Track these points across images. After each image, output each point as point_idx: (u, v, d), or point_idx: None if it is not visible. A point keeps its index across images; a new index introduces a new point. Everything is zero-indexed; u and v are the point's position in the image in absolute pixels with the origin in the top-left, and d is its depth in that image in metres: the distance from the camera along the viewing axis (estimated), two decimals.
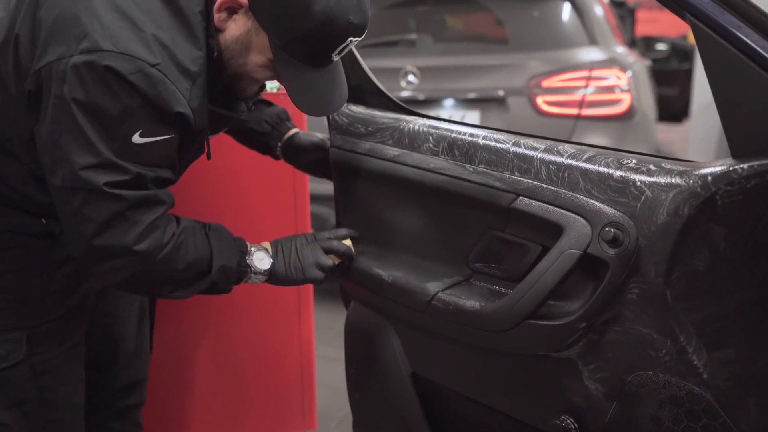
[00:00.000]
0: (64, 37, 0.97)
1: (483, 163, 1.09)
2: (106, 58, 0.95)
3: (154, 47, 0.98)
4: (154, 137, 1.00)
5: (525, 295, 1.00)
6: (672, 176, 0.89)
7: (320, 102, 1.10)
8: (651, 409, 0.93)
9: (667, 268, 0.89)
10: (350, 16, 1.00)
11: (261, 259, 1.18)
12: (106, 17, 0.97)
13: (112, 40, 0.96)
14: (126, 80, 0.96)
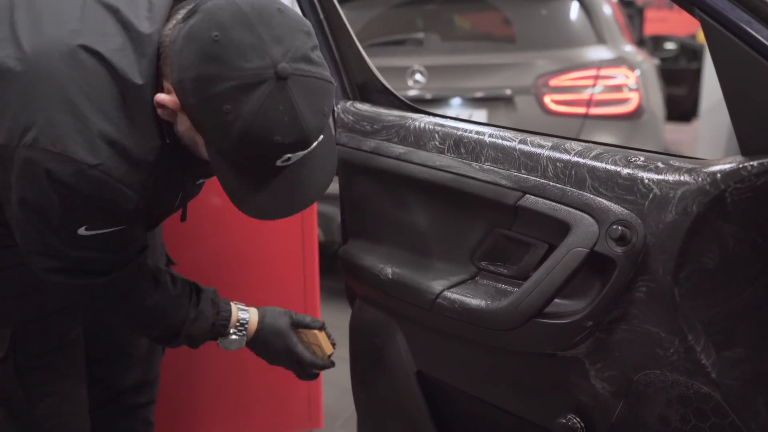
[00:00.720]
0: (10, 120, 0.94)
1: (489, 160, 1.09)
2: (44, 159, 0.92)
3: (98, 145, 0.93)
4: (101, 230, 1.00)
5: (531, 293, 0.99)
6: (680, 174, 0.88)
7: (268, 205, 0.99)
8: (659, 409, 0.92)
9: (676, 266, 0.88)
10: (277, 136, 0.89)
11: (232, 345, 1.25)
12: (52, 110, 0.92)
13: (52, 139, 0.92)
14: (63, 183, 0.94)
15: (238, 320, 1.24)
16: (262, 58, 0.87)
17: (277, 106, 0.88)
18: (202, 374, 1.84)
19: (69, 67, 0.93)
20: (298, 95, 0.89)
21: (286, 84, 0.88)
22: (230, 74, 0.87)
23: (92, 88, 0.93)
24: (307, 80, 0.90)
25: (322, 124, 0.94)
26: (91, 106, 0.93)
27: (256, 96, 0.87)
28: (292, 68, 0.88)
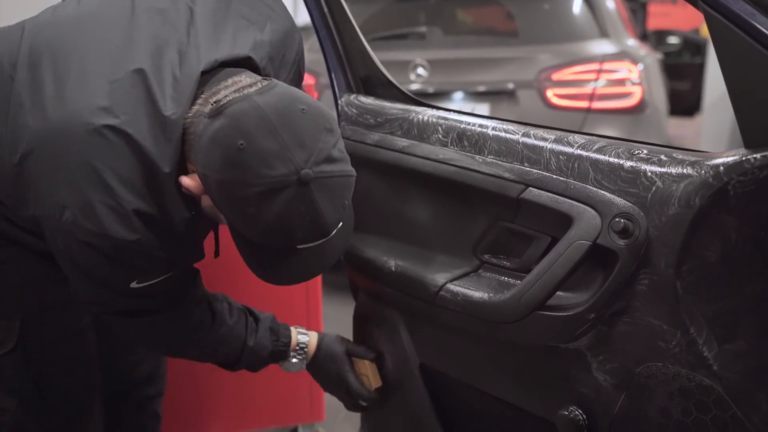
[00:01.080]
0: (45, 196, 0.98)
1: (492, 153, 1.09)
2: (85, 235, 0.97)
3: (133, 222, 0.97)
4: (151, 281, 1.05)
5: (533, 286, 0.99)
6: (683, 167, 0.88)
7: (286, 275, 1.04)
8: (660, 401, 0.92)
9: (678, 259, 0.88)
10: (298, 233, 0.93)
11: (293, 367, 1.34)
12: (87, 190, 0.96)
13: (89, 219, 0.96)
14: (106, 255, 0.98)
15: (297, 344, 1.31)
16: (285, 165, 0.89)
17: (299, 208, 0.91)
18: (205, 368, 1.84)
19: (98, 146, 0.95)
20: (319, 196, 0.91)
21: (309, 188, 0.90)
22: (254, 181, 0.89)
23: (122, 168, 0.96)
24: (329, 180, 0.92)
25: (341, 216, 0.98)
26: (123, 186, 0.96)
27: (279, 200, 0.90)
28: (315, 172, 0.90)
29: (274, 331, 1.29)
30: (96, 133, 0.95)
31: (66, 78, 0.98)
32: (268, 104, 0.91)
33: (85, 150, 0.95)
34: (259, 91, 0.93)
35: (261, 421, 2.00)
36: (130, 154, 0.96)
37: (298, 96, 0.94)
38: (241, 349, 1.25)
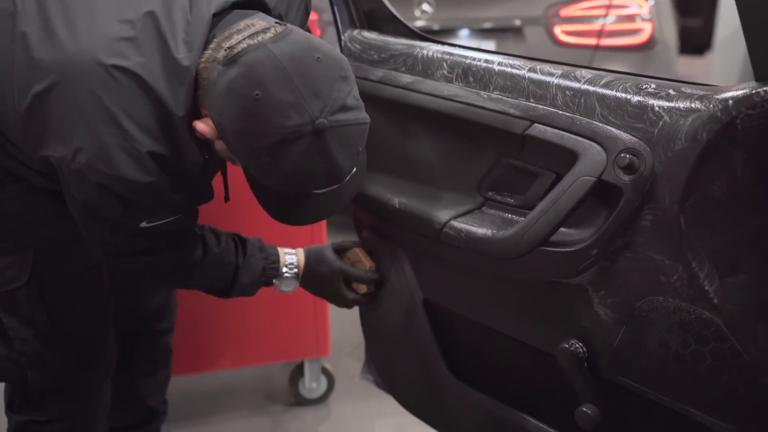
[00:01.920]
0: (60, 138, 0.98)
1: (498, 89, 1.07)
2: (99, 177, 0.98)
3: (148, 164, 0.98)
4: (160, 221, 1.06)
5: (537, 222, 1.00)
6: (692, 101, 0.87)
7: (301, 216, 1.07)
8: (660, 334, 0.94)
9: (683, 194, 0.88)
10: (315, 180, 0.96)
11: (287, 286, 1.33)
12: (101, 133, 0.96)
13: (104, 161, 0.97)
14: (119, 196, 1.00)
15: (286, 263, 1.31)
16: (301, 115, 0.90)
17: (314, 157, 0.92)
18: (213, 305, 1.87)
19: (111, 88, 0.96)
20: (334, 145, 0.92)
21: (324, 137, 0.91)
22: (270, 131, 0.90)
23: (136, 111, 0.97)
24: (344, 129, 0.93)
25: (356, 163, 1.00)
26: (138, 128, 0.97)
27: (294, 150, 0.91)
28: (330, 121, 0.91)
29: (262, 250, 1.30)
30: (107, 73, 0.95)
31: (75, 16, 0.98)
32: (284, 53, 0.90)
33: (99, 92, 0.95)
34: (273, 39, 0.92)
35: (267, 355, 2.05)
36: (144, 97, 0.96)
37: (313, 44, 0.94)
38: (233, 272, 1.26)
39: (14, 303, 1.20)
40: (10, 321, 1.22)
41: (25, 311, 1.21)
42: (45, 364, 1.26)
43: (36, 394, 1.29)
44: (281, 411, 2.13)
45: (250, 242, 1.29)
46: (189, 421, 2.05)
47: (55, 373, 1.28)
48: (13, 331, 1.22)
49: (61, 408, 1.32)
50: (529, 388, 1.20)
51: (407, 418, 1.47)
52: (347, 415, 2.12)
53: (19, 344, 1.23)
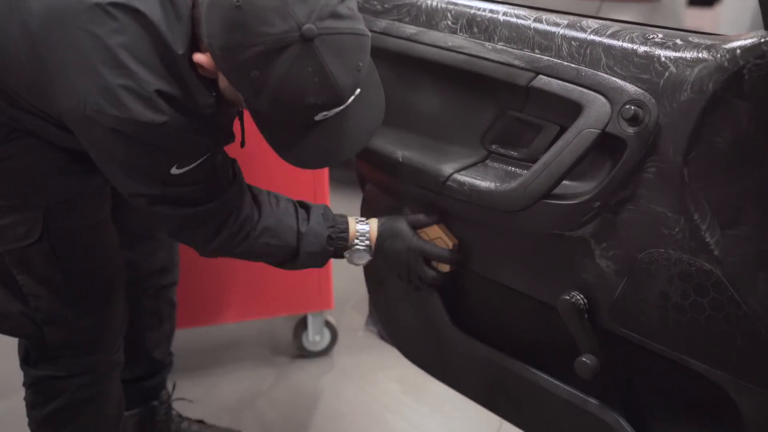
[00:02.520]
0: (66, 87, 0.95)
1: (503, 40, 1.06)
2: (113, 122, 0.94)
3: (159, 104, 0.95)
4: (189, 165, 1.03)
5: (540, 174, 1.00)
6: (699, 51, 0.86)
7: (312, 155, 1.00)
8: (660, 285, 0.95)
9: (687, 146, 0.88)
10: (308, 98, 0.89)
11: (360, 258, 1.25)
12: (106, 75, 0.92)
13: (114, 105, 0.93)
14: (138, 140, 0.97)
15: (357, 231, 1.22)
16: (285, 21, 0.84)
17: (305, 69, 0.86)
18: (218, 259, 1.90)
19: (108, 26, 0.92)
20: (327, 55, 0.86)
21: (313, 45, 0.85)
22: (254, 41, 0.85)
23: (138, 49, 0.93)
24: (337, 38, 0.87)
25: (357, 80, 0.93)
26: (142, 66, 0.93)
27: (282, 61, 0.86)
28: (319, 28, 0.85)
29: (326, 217, 1.21)
30: (104, 12, 0.92)
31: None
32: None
33: (98, 31, 0.92)
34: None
35: (271, 309, 2.08)
36: (144, 33, 0.93)
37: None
38: (295, 239, 1.18)
39: (27, 260, 1.20)
40: (24, 278, 1.21)
41: (38, 268, 1.21)
42: (61, 320, 1.26)
43: (53, 349, 1.30)
44: (285, 363, 2.17)
45: (313, 208, 1.22)
46: (195, 373, 2.09)
47: (72, 329, 1.28)
48: (27, 288, 1.22)
49: (78, 363, 1.33)
50: (531, 339, 1.22)
51: (410, 369, 1.49)
52: (350, 367, 2.16)
53: (33, 300, 1.23)
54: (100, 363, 1.36)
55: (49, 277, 1.22)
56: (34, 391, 1.36)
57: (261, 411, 1.99)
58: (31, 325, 1.26)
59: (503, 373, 1.24)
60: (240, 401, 2.02)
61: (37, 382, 1.35)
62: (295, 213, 1.20)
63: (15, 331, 1.29)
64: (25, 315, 1.25)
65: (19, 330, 1.28)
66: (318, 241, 1.19)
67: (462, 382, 1.36)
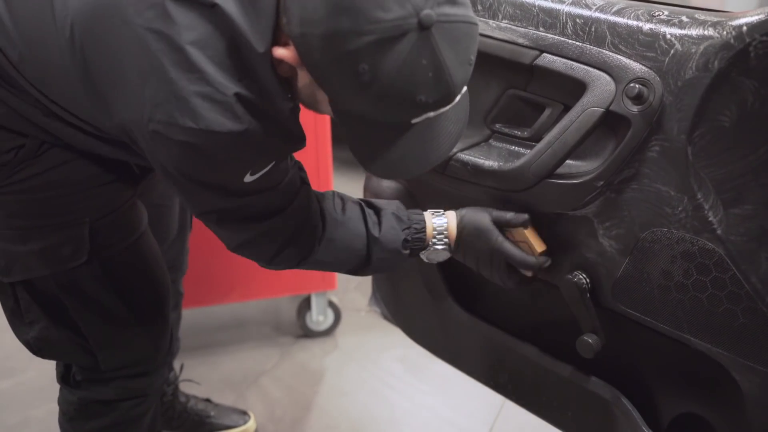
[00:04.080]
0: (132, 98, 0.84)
1: (507, 18, 1.05)
2: (187, 135, 0.83)
3: (238, 110, 0.83)
4: (261, 171, 0.93)
5: (544, 154, 1.00)
6: (705, 28, 0.85)
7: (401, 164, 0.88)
8: (662, 264, 0.95)
9: (691, 125, 0.87)
10: (420, 95, 0.77)
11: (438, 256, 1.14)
12: (179, 80, 0.81)
13: (190, 115, 0.82)
14: (213, 153, 0.86)
15: (434, 229, 1.12)
16: (402, 6, 0.73)
17: (420, 61, 0.75)
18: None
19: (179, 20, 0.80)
20: (443, 46, 0.76)
21: (431, 34, 0.74)
22: (367, 28, 0.73)
23: (213, 49, 0.82)
24: (453, 26, 0.76)
25: (468, 76, 0.82)
26: (219, 69, 0.82)
27: (397, 51, 0.74)
28: (437, 14, 0.74)
29: (400, 218, 1.10)
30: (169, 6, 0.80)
31: None
32: None
33: (165, 29, 0.80)
34: None
35: (275, 289, 2.09)
36: (218, 31, 0.82)
37: None
38: (365, 246, 1.08)
39: (75, 283, 1.11)
40: (72, 302, 1.13)
41: (87, 291, 1.12)
42: (115, 344, 1.20)
43: (106, 372, 1.23)
44: (289, 343, 2.19)
45: (384, 209, 1.10)
46: (200, 352, 2.11)
47: (127, 352, 1.22)
48: (76, 313, 1.14)
49: (131, 387, 1.27)
50: (533, 318, 1.23)
51: (413, 349, 1.50)
52: (354, 346, 2.18)
53: (84, 325, 1.15)
54: (152, 385, 1.30)
55: (101, 299, 1.14)
56: (76, 408, 1.28)
57: (265, 389, 2.01)
58: (80, 351, 1.18)
59: (505, 352, 1.25)
60: (244, 380, 2.04)
61: (84, 405, 1.27)
62: (362, 217, 1.09)
63: (63, 357, 1.22)
64: (72, 341, 1.17)
65: (66, 356, 1.21)
66: (393, 246, 1.09)
67: (464, 361, 1.36)
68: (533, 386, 1.23)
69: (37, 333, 1.16)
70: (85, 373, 1.25)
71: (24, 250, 1.08)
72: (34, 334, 1.16)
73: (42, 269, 1.09)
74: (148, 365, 1.27)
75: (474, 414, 1.90)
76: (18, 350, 1.27)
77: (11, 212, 1.06)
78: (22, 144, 1.01)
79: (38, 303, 1.13)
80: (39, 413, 1.85)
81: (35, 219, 1.07)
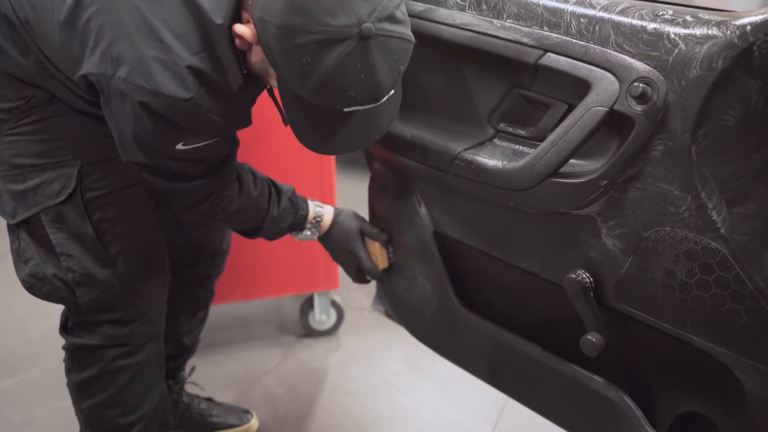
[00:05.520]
0: (98, 52, 0.98)
1: (511, 17, 1.05)
2: (138, 93, 0.97)
3: (187, 79, 0.97)
4: (196, 144, 1.07)
5: (547, 153, 1.00)
6: (709, 27, 0.85)
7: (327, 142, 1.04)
8: (666, 263, 0.95)
9: (695, 124, 0.88)
10: (350, 91, 0.92)
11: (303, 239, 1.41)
12: (141, 46, 0.96)
13: (144, 76, 0.96)
14: (159, 114, 0.99)
15: (314, 216, 1.37)
16: (348, 16, 0.87)
17: (355, 64, 0.89)
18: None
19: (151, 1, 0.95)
20: (377, 55, 0.90)
21: (368, 43, 0.89)
22: (315, 28, 0.87)
23: (175, 22, 0.96)
24: (389, 40, 0.91)
25: (395, 82, 0.96)
26: (178, 41, 0.96)
27: (336, 52, 0.88)
28: (377, 28, 0.88)
29: (294, 203, 1.35)
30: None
31: None
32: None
33: (137, 2, 0.95)
34: None
35: (278, 288, 2.10)
36: (183, 7, 0.95)
37: None
38: (263, 219, 1.32)
39: (61, 217, 1.21)
40: (57, 237, 1.23)
41: (70, 225, 1.22)
42: (92, 281, 1.26)
43: (87, 314, 1.30)
44: (292, 342, 2.19)
45: (284, 193, 1.33)
46: (203, 351, 2.12)
47: (104, 292, 1.28)
48: (60, 248, 1.23)
49: (113, 334, 1.33)
50: (537, 317, 1.23)
51: (416, 348, 1.51)
52: (357, 346, 2.18)
53: (66, 260, 1.24)
54: (135, 335, 1.35)
55: (81, 234, 1.23)
56: (70, 357, 1.38)
57: (268, 388, 2.01)
58: (63, 287, 1.26)
59: (509, 350, 1.25)
60: (247, 379, 2.04)
61: (74, 349, 1.36)
62: (268, 196, 1.31)
63: (50, 295, 1.29)
64: (58, 278, 1.26)
65: (53, 294, 1.28)
66: (280, 225, 1.34)
67: (468, 359, 1.37)
68: (536, 385, 1.23)
69: (30, 269, 1.26)
70: (73, 318, 1.34)
71: (23, 189, 1.21)
72: (27, 271, 1.27)
73: (35, 206, 1.21)
74: (127, 313, 1.32)
75: (477, 413, 1.90)
76: (20, 349, 1.28)
77: (18, 152, 1.19)
78: (34, 94, 1.16)
79: (33, 241, 1.25)
80: (42, 412, 1.86)
81: (36, 158, 1.19)
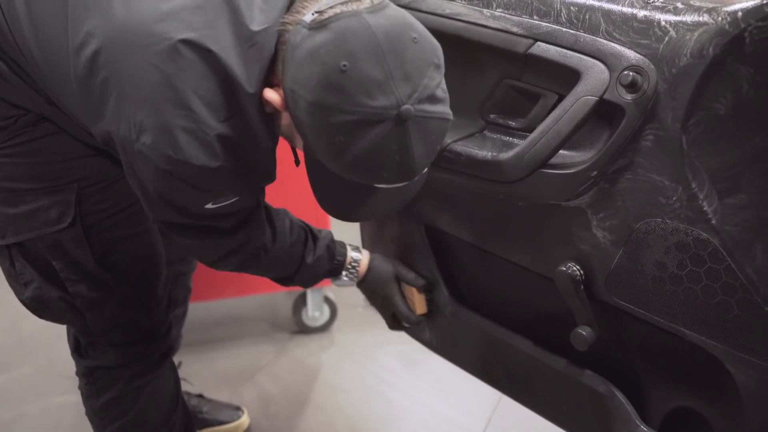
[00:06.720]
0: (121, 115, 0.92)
1: (501, 6, 1.04)
2: (164, 161, 0.91)
3: (216, 149, 0.91)
4: (224, 202, 1.02)
5: (537, 144, 0.99)
6: (699, 14, 0.84)
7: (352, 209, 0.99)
8: (657, 255, 0.94)
9: (686, 113, 0.86)
10: (384, 172, 0.86)
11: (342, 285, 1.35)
12: (167, 113, 0.89)
13: (171, 145, 0.90)
14: (184, 181, 0.94)
15: (350, 262, 1.32)
16: (387, 97, 0.82)
17: (390, 146, 0.84)
18: None
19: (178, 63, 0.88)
20: (414, 137, 0.84)
21: (406, 126, 0.83)
22: (351, 108, 0.82)
23: (204, 89, 0.89)
24: (428, 121, 0.85)
25: (430, 161, 0.91)
26: (206, 109, 0.90)
27: (372, 134, 0.83)
28: (416, 110, 0.83)
29: (331, 250, 1.29)
30: (173, 48, 0.88)
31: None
32: (379, 26, 0.82)
33: (166, 68, 0.88)
34: (370, 9, 0.84)
35: (271, 285, 2.08)
36: (212, 73, 0.89)
37: (410, 22, 0.86)
38: (297, 267, 1.25)
39: (60, 245, 1.17)
40: (59, 263, 1.19)
41: (71, 253, 1.18)
42: (101, 306, 1.24)
43: (98, 336, 1.28)
44: (285, 339, 2.18)
45: (321, 240, 1.27)
46: (196, 348, 2.11)
47: (113, 316, 1.26)
48: (64, 273, 1.19)
49: (128, 353, 1.32)
50: (527, 310, 1.22)
51: (409, 345, 1.50)
52: (350, 342, 2.17)
53: (71, 285, 1.20)
54: (149, 352, 1.34)
55: (84, 262, 1.19)
56: (87, 382, 1.35)
57: (261, 385, 2.00)
58: (71, 311, 1.23)
59: (499, 345, 1.24)
60: (240, 376, 2.03)
61: (90, 372, 1.34)
62: (304, 243, 1.25)
63: (58, 318, 1.27)
64: (64, 300, 1.22)
65: (61, 317, 1.26)
66: (317, 272, 1.29)
67: (459, 354, 1.35)
68: (527, 380, 1.22)
69: (32, 293, 1.21)
70: (84, 338, 1.31)
71: (15, 213, 1.14)
72: (29, 294, 1.22)
73: (30, 232, 1.15)
74: (141, 333, 1.31)
75: (471, 410, 1.89)
76: (12, 346, 1.27)
77: (6, 175, 1.12)
78: (24, 114, 1.09)
79: (31, 264, 1.19)
80: (33, 409, 1.84)
81: (28, 182, 1.12)
